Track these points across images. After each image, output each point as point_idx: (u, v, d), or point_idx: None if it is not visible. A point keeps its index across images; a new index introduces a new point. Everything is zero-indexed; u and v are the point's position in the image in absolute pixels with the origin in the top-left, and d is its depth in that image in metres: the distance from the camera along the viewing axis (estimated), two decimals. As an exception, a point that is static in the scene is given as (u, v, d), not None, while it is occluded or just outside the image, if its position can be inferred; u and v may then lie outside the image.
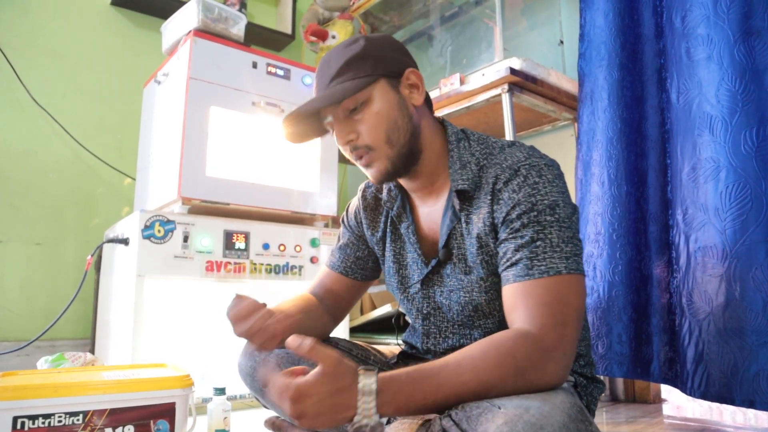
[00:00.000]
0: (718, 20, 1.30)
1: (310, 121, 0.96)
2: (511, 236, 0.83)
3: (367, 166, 0.93)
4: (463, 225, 0.92)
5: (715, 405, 1.72)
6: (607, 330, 1.52)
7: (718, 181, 1.27)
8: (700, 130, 1.32)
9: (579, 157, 1.70)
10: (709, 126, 1.29)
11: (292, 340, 0.71)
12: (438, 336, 1.01)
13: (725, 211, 1.25)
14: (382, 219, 1.08)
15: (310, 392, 0.68)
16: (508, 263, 0.83)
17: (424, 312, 1.01)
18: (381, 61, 0.91)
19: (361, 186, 1.14)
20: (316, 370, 0.69)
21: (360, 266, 1.13)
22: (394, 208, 1.03)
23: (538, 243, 0.80)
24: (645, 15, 1.57)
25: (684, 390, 1.33)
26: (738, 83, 1.25)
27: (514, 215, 0.83)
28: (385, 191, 1.05)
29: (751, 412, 1.64)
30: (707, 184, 1.29)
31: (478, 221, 0.89)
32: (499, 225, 0.86)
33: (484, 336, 0.93)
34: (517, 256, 0.81)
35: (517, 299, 0.80)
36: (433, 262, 0.97)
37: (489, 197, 0.88)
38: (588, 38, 1.70)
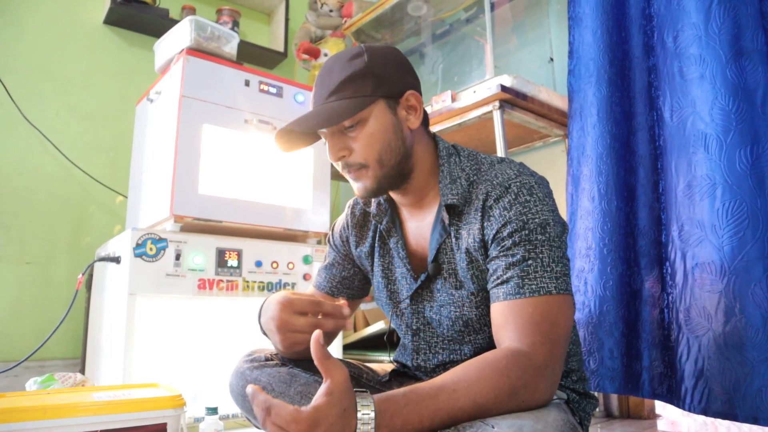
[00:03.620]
0: (709, 41, 1.32)
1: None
2: (502, 254, 0.84)
3: (356, 179, 0.94)
4: (453, 240, 0.92)
5: (710, 420, 1.72)
6: (599, 345, 1.52)
7: (714, 198, 1.28)
8: (695, 148, 1.33)
9: (569, 172, 1.71)
10: (704, 144, 1.31)
11: (319, 336, 0.69)
12: (428, 352, 1.00)
13: (722, 228, 1.26)
14: (370, 234, 1.08)
15: (320, 420, 0.65)
16: (499, 281, 0.83)
17: (414, 328, 1.01)
18: (382, 80, 0.90)
19: (350, 202, 1.14)
20: (323, 390, 0.67)
21: (346, 286, 1.13)
22: (384, 222, 1.03)
23: (530, 262, 0.81)
24: (633, 32, 1.59)
25: (681, 406, 1.32)
26: (731, 102, 1.27)
27: (505, 233, 0.84)
28: (374, 205, 1.04)
29: (746, 427, 1.63)
30: (703, 202, 1.30)
31: (468, 237, 0.90)
32: (490, 242, 0.86)
33: (475, 351, 0.93)
34: (508, 274, 0.82)
35: (507, 317, 0.80)
36: (423, 277, 0.97)
37: (479, 214, 0.88)
38: (577, 55, 1.72)
